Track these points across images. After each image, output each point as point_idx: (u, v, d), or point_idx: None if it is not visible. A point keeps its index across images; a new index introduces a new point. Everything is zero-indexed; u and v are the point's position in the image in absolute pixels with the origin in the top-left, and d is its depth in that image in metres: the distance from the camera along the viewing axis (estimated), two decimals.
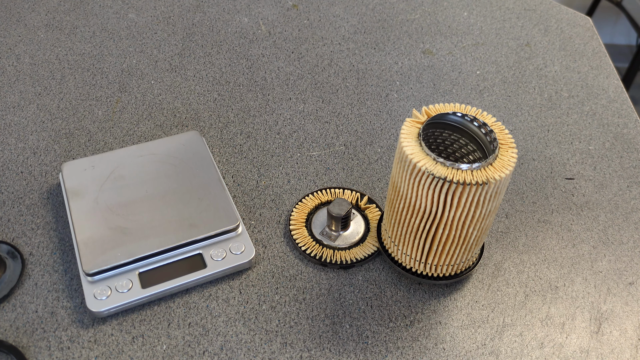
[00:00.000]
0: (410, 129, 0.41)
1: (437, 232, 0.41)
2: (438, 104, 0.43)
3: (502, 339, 0.44)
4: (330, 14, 0.76)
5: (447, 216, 0.40)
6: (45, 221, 0.49)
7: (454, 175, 0.37)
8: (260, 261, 0.47)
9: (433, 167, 0.38)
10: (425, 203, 0.39)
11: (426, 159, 0.38)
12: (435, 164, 0.38)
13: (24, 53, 0.66)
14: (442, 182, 0.37)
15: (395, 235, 0.44)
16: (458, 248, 0.42)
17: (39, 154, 0.55)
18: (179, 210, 0.47)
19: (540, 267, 0.48)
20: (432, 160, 0.38)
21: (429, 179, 0.38)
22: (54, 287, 0.44)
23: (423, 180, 0.38)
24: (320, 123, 0.60)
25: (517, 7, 0.80)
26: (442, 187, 0.38)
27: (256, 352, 0.42)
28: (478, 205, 0.39)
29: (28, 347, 0.41)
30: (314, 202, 0.51)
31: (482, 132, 0.42)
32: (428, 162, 0.38)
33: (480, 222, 0.40)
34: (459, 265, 0.44)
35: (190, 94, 0.62)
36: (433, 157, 0.38)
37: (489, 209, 0.40)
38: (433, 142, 0.46)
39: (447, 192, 0.38)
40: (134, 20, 0.72)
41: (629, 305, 0.46)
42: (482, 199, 0.38)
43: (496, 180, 0.37)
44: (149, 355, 0.41)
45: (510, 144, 0.40)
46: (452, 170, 0.38)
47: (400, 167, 0.40)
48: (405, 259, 0.45)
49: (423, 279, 0.45)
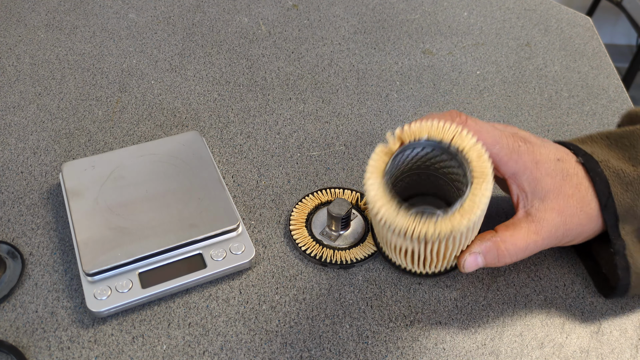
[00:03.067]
0: (379, 162, 0.37)
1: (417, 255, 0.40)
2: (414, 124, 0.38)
3: (502, 339, 0.44)
4: (330, 14, 0.76)
5: (421, 251, 0.38)
6: (45, 221, 0.49)
7: (415, 228, 0.35)
8: (260, 261, 0.47)
9: (393, 218, 0.35)
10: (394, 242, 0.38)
11: (387, 207, 0.35)
12: (397, 211, 0.35)
13: (24, 53, 0.66)
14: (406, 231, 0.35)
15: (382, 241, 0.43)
16: (442, 263, 0.41)
17: (39, 154, 0.55)
18: (179, 210, 0.47)
19: (540, 266, 0.48)
20: (395, 206, 0.35)
21: (391, 229, 0.36)
22: (54, 287, 0.45)
23: (386, 228, 0.36)
24: (320, 123, 0.60)
25: (517, 7, 0.80)
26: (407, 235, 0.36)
27: (256, 352, 0.42)
28: (449, 242, 0.37)
29: (28, 347, 0.41)
30: (314, 202, 0.51)
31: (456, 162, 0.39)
32: (388, 212, 0.35)
33: (458, 247, 0.39)
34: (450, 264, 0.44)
35: (190, 94, 0.62)
36: (396, 202, 0.35)
37: (464, 242, 0.38)
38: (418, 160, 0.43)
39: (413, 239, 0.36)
40: (134, 20, 0.72)
41: (629, 304, 0.46)
42: (451, 239, 0.37)
43: (461, 230, 0.35)
44: (149, 355, 0.41)
45: (487, 175, 0.36)
46: (415, 221, 0.35)
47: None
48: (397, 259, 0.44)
49: (417, 277, 0.44)
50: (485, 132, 0.40)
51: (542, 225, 0.41)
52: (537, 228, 0.41)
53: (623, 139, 0.45)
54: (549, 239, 0.42)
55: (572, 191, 0.41)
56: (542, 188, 0.41)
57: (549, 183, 0.41)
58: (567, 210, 0.41)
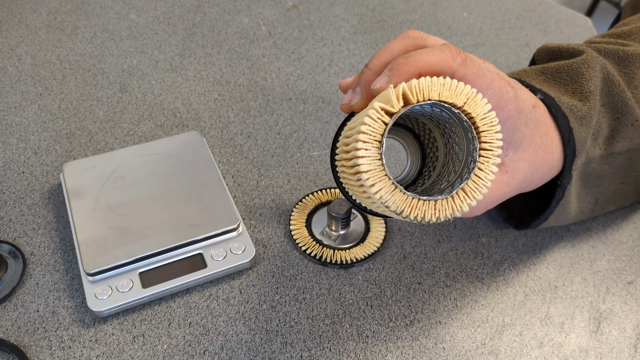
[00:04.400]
0: (375, 126, 0.31)
1: None
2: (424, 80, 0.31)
3: (502, 338, 0.44)
4: (330, 14, 0.76)
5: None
6: (46, 221, 0.49)
7: (412, 209, 0.31)
8: (261, 261, 0.48)
9: (389, 196, 0.31)
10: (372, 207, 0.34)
11: (382, 182, 0.31)
12: (394, 191, 0.31)
13: (26, 54, 0.66)
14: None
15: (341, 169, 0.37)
16: None
17: (40, 154, 0.55)
18: (179, 210, 0.47)
19: (540, 266, 0.48)
20: (391, 185, 0.31)
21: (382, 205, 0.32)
22: (55, 286, 0.45)
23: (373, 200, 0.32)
24: (320, 123, 0.60)
25: (517, 7, 0.81)
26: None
27: (256, 352, 0.42)
28: None
29: (29, 346, 0.41)
30: (314, 202, 0.51)
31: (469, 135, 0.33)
32: (384, 189, 0.31)
33: None
34: None
35: (190, 94, 0.63)
36: (392, 182, 0.31)
37: None
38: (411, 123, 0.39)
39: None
40: (135, 21, 0.72)
41: (628, 304, 0.46)
42: None
43: (463, 212, 0.32)
44: (149, 354, 0.41)
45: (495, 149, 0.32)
46: (413, 201, 0.31)
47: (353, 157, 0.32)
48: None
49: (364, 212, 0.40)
50: (481, 76, 0.36)
51: (513, 176, 0.39)
52: (508, 179, 0.39)
53: (561, 74, 0.44)
54: (517, 189, 0.40)
55: (541, 140, 0.40)
56: (518, 137, 0.39)
57: (524, 132, 0.39)
58: (535, 161, 0.40)
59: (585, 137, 0.42)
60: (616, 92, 0.43)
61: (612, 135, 0.44)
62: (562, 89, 0.44)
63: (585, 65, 0.43)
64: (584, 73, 0.43)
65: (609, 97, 0.44)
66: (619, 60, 0.45)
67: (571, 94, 0.43)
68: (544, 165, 0.41)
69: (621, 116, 0.44)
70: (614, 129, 0.44)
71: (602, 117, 0.44)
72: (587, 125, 0.42)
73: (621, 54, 0.45)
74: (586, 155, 0.43)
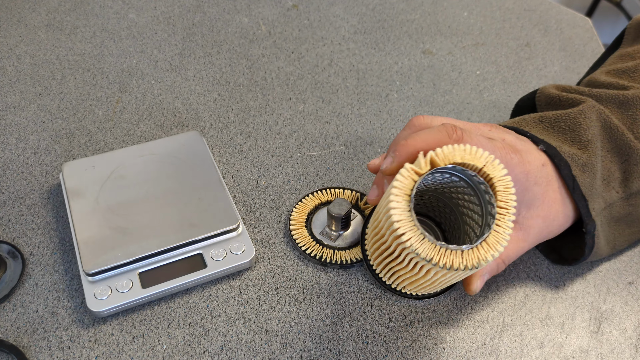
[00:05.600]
0: (405, 183, 0.35)
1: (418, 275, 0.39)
2: (447, 149, 0.36)
3: (502, 338, 0.44)
4: (330, 14, 0.76)
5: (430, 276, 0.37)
6: (45, 221, 0.49)
7: (440, 258, 0.34)
8: (260, 261, 0.47)
9: (419, 244, 0.34)
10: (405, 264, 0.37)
11: (412, 231, 0.34)
12: (423, 240, 0.34)
13: (25, 53, 0.66)
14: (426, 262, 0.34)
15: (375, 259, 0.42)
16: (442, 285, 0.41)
17: (40, 154, 0.55)
18: (179, 210, 0.47)
19: (540, 266, 0.48)
20: (420, 235, 0.34)
21: (412, 254, 0.35)
22: (55, 287, 0.45)
23: (405, 252, 0.35)
24: (320, 123, 0.60)
25: (517, 7, 0.81)
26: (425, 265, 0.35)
27: (256, 352, 0.42)
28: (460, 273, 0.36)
29: (29, 346, 0.41)
30: (314, 202, 0.51)
31: (486, 198, 0.37)
32: (414, 238, 0.34)
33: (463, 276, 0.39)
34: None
35: (190, 94, 0.62)
36: (421, 232, 0.34)
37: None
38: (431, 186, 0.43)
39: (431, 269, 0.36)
40: (134, 21, 0.72)
41: (628, 304, 0.46)
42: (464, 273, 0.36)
43: (488, 261, 0.34)
44: (149, 355, 0.41)
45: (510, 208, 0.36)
46: (440, 250, 0.34)
47: (386, 220, 0.36)
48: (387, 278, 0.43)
49: (402, 296, 0.44)
50: (480, 146, 0.40)
51: (528, 232, 0.43)
52: (524, 236, 0.43)
53: (559, 123, 0.46)
54: (534, 243, 0.44)
55: (554, 195, 0.43)
56: (529, 197, 0.42)
57: (536, 191, 0.42)
58: (550, 215, 0.43)
59: (591, 183, 0.43)
60: (617, 137, 0.45)
61: (626, 177, 0.45)
62: (562, 137, 0.45)
63: (582, 116, 0.45)
64: (581, 123, 0.45)
65: (612, 142, 0.45)
66: (620, 104, 0.46)
67: (570, 142, 0.45)
68: (559, 217, 0.43)
69: (628, 158, 0.45)
70: (625, 171, 0.45)
71: (610, 162, 0.45)
72: (590, 172, 0.43)
73: (622, 99, 0.46)
74: (604, 200, 0.44)
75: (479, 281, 0.42)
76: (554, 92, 0.50)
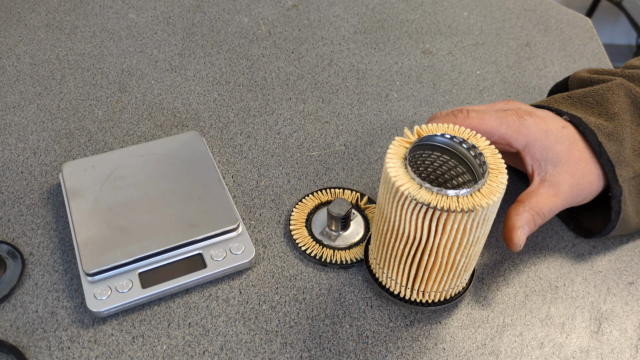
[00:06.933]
0: (397, 149, 0.39)
1: (422, 258, 0.40)
2: (431, 125, 0.41)
3: (502, 338, 0.44)
4: (330, 14, 0.76)
5: (433, 243, 0.38)
6: (45, 221, 0.49)
7: (438, 201, 0.36)
8: (260, 261, 0.47)
9: (417, 192, 0.36)
10: (409, 228, 0.38)
11: (410, 183, 0.36)
12: (420, 188, 0.36)
13: (24, 53, 0.66)
14: (426, 208, 0.36)
15: (381, 258, 0.43)
16: (445, 275, 0.41)
17: (39, 154, 0.55)
18: (179, 210, 0.47)
19: (540, 266, 0.48)
20: (417, 184, 0.36)
21: (412, 204, 0.36)
22: (54, 287, 0.45)
23: (407, 205, 0.37)
24: (320, 123, 0.60)
25: (517, 7, 0.80)
26: (427, 213, 0.36)
27: (256, 352, 0.42)
28: (465, 232, 0.37)
29: (28, 347, 0.41)
30: (314, 202, 0.51)
31: (471, 154, 0.40)
32: (412, 187, 0.36)
33: (468, 249, 0.39)
34: (447, 291, 0.43)
35: (190, 94, 0.62)
36: (418, 182, 0.36)
37: (476, 235, 0.38)
38: (421, 164, 0.45)
39: (432, 218, 0.37)
40: (134, 20, 0.72)
41: (629, 304, 0.46)
42: (469, 226, 0.37)
43: (483, 207, 0.36)
44: (149, 355, 0.41)
45: (502, 168, 0.38)
46: (437, 196, 0.36)
47: (385, 189, 0.38)
48: (391, 283, 0.44)
49: (409, 304, 0.44)
50: (488, 117, 0.43)
51: (558, 188, 0.44)
52: (555, 191, 0.44)
53: (587, 98, 0.48)
54: (566, 199, 0.45)
55: (580, 154, 0.45)
56: (554, 155, 0.44)
57: (559, 149, 0.44)
58: (578, 172, 0.44)
59: (618, 151, 0.45)
60: None
61: None
62: (589, 111, 0.47)
63: (610, 92, 0.47)
64: (608, 98, 0.47)
65: None
66: None
67: (597, 115, 0.46)
68: (588, 175, 0.45)
69: None
70: None
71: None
72: (616, 141, 0.45)
73: None
74: (633, 170, 0.45)
75: (519, 232, 0.43)
76: (586, 74, 0.52)
